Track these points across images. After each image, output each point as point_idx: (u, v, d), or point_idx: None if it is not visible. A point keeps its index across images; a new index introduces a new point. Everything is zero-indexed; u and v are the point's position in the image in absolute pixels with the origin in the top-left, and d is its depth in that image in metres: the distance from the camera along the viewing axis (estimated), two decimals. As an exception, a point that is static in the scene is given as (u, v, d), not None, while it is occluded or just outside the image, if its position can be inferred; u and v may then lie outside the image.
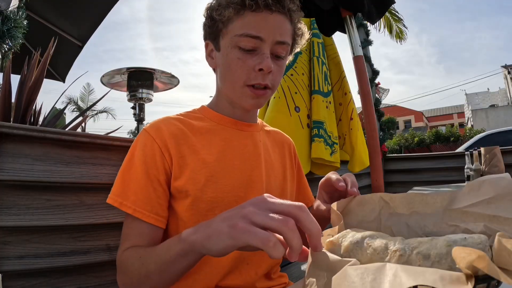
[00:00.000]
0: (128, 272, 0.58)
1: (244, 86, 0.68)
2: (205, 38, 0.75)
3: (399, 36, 5.97)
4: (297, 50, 0.78)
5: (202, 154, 0.69)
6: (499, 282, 0.32)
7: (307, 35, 0.76)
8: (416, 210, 0.50)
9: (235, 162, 0.71)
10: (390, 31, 5.91)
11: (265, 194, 0.43)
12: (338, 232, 0.48)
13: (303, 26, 0.74)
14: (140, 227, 0.63)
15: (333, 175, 0.65)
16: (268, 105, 1.83)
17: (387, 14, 5.43)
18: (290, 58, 0.79)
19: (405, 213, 0.51)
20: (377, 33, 6.03)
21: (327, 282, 0.31)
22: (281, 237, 0.39)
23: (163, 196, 0.66)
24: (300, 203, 0.41)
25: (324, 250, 0.41)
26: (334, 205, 0.52)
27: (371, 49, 3.75)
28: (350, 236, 0.44)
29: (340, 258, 0.37)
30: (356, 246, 0.42)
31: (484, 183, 0.46)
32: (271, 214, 0.39)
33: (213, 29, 0.71)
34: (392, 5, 1.96)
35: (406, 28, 5.91)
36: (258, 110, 0.82)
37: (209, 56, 0.76)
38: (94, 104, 2.04)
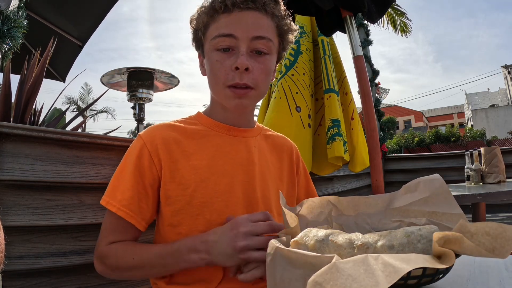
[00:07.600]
0: (111, 261, 0.67)
1: (225, 88, 0.69)
2: (196, 49, 0.78)
3: (404, 30, 5.91)
4: (289, 47, 0.78)
5: (193, 159, 0.70)
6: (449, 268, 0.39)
7: (295, 27, 0.75)
8: (361, 211, 0.58)
9: (226, 167, 0.72)
10: (394, 27, 5.85)
11: (243, 217, 0.62)
12: (288, 233, 0.50)
13: (289, 22, 0.74)
14: (124, 225, 0.68)
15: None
16: (268, 105, 1.83)
17: (389, 10, 5.38)
18: (286, 56, 0.79)
19: (351, 214, 0.58)
20: (381, 29, 5.97)
21: (308, 278, 0.31)
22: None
23: (145, 200, 0.69)
24: (265, 214, 0.64)
25: (292, 248, 0.42)
26: (285, 208, 0.53)
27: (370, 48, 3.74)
28: (313, 235, 0.46)
29: (317, 254, 0.37)
30: (322, 243, 0.44)
31: (419, 184, 0.54)
32: (255, 237, 0.59)
33: (197, 38, 0.75)
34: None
35: (410, 20, 5.85)
36: (253, 113, 0.83)
37: (201, 65, 0.78)
38: (92, 104, 2.04)
